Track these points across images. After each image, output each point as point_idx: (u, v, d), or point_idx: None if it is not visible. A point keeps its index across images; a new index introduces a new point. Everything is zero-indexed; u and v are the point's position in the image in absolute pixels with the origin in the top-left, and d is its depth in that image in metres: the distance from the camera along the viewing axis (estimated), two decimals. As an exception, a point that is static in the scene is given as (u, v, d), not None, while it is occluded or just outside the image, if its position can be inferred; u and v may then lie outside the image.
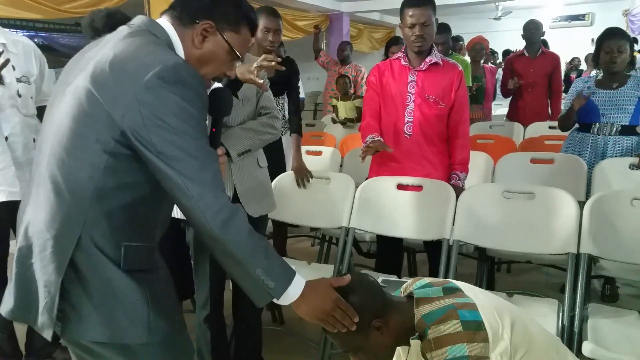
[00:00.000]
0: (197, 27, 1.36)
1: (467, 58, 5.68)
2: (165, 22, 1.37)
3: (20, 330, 2.81)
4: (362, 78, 6.57)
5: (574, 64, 10.15)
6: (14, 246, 2.69)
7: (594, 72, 3.50)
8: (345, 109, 5.75)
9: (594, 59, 3.44)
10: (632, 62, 3.36)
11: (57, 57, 8.49)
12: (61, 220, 1.24)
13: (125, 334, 1.27)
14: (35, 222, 1.29)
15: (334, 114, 5.90)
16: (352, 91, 6.08)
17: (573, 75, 9.47)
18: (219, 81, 1.65)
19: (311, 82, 11.08)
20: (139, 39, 1.31)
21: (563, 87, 5.53)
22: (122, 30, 1.36)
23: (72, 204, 1.24)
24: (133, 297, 1.27)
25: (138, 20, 1.39)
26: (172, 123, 1.21)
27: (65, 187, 1.25)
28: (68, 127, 1.26)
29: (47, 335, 1.25)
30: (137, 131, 1.20)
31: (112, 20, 2.32)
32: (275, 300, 1.32)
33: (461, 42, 6.33)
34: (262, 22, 2.75)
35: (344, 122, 5.59)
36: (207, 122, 1.38)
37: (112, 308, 1.26)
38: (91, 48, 1.37)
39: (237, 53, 1.42)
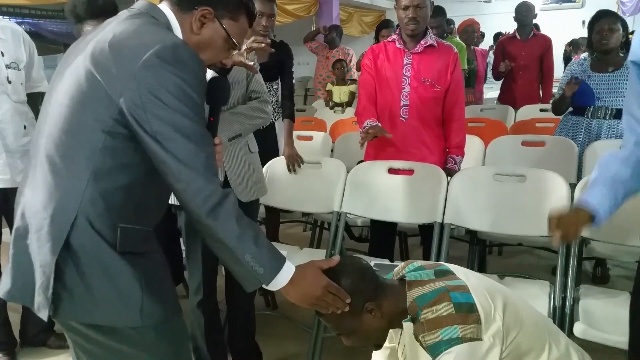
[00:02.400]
0: (196, 13, 1.36)
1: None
2: (164, 7, 1.38)
3: (15, 318, 2.81)
4: (351, 61, 6.55)
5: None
6: (7, 234, 2.70)
7: (584, 55, 3.49)
8: (340, 93, 5.74)
9: (588, 44, 3.43)
10: (626, 43, 3.35)
11: (44, 43, 8.40)
12: (58, 200, 1.25)
13: (117, 317, 1.27)
14: (32, 202, 1.29)
15: (327, 99, 5.88)
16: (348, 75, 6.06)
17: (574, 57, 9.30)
18: (212, 69, 1.65)
19: (301, 67, 11.01)
20: (138, 20, 1.32)
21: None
22: (123, 13, 1.37)
23: (69, 184, 1.25)
24: (127, 280, 1.27)
25: (138, 4, 1.39)
26: (169, 102, 1.21)
27: (62, 166, 1.26)
28: (67, 107, 1.27)
29: (43, 315, 1.25)
30: (134, 109, 1.21)
31: (94, 6, 2.30)
32: (264, 286, 1.32)
33: (452, 26, 6.31)
34: (256, 6, 2.69)
35: (341, 105, 5.57)
36: (205, 111, 1.37)
37: (105, 290, 1.25)
38: (90, 32, 1.39)
39: (235, 41, 1.43)
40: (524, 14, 5.08)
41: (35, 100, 2.79)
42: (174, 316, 1.39)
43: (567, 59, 8.28)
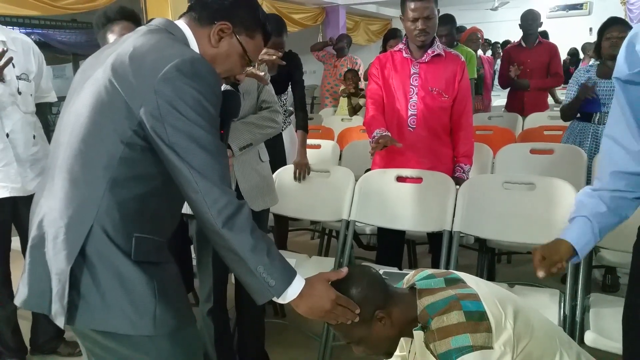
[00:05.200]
0: (215, 27, 1.41)
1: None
2: (181, 23, 1.43)
3: (25, 325, 2.82)
4: (359, 70, 6.56)
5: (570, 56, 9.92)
6: (16, 242, 2.72)
7: (592, 61, 3.50)
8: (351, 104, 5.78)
9: (596, 50, 3.44)
10: None
11: (53, 53, 8.47)
12: (75, 209, 1.27)
13: (130, 325, 1.28)
14: (49, 212, 1.31)
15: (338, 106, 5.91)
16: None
17: (572, 68, 9.32)
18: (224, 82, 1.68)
19: (308, 75, 11.03)
20: (157, 35, 1.36)
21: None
22: (141, 29, 1.41)
23: (86, 193, 1.27)
24: (140, 289, 1.28)
25: (156, 21, 1.44)
26: (186, 114, 1.23)
27: (81, 176, 1.28)
28: (86, 118, 1.29)
29: (60, 323, 1.26)
30: (152, 121, 1.23)
31: (125, 9, 2.37)
32: (275, 299, 1.33)
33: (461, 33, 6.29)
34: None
35: (357, 109, 5.59)
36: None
37: (119, 298, 1.27)
38: (110, 46, 1.43)
39: (249, 58, 1.48)
40: (529, 22, 5.07)
41: (43, 111, 2.82)
42: (188, 325, 1.40)
43: (566, 70, 8.22)
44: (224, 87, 1.75)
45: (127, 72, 1.26)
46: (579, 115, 3.48)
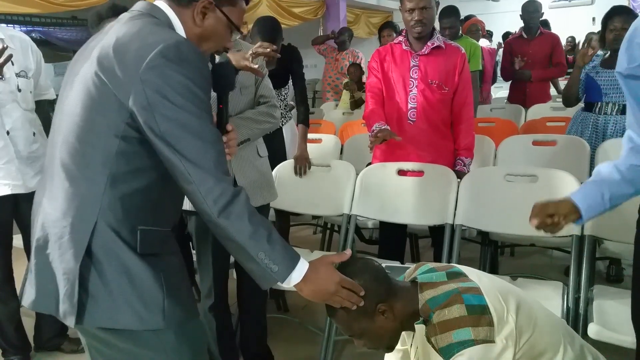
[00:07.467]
0: (197, 5, 1.37)
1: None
2: (163, 5, 1.38)
3: (28, 322, 2.83)
4: (360, 64, 6.53)
5: (569, 45, 9.76)
6: (17, 240, 2.72)
7: (600, 52, 3.45)
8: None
9: (601, 40, 3.41)
10: None
11: (54, 51, 8.47)
12: (77, 207, 1.26)
13: (139, 320, 1.27)
14: (51, 212, 1.30)
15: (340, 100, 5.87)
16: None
17: (570, 57, 9.24)
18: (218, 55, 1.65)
19: (309, 69, 10.99)
20: (140, 21, 1.33)
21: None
22: (124, 16, 1.37)
23: (87, 191, 1.26)
24: (148, 283, 1.27)
25: (138, 5, 1.40)
26: (175, 101, 1.21)
27: (79, 174, 1.27)
28: (79, 116, 1.27)
29: (70, 322, 1.26)
30: (142, 111, 1.21)
31: (116, 9, 2.38)
32: (279, 284, 1.32)
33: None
34: (259, 38, 2.70)
35: (359, 103, 5.57)
36: (212, 100, 1.37)
37: (128, 294, 1.26)
38: (94, 39, 1.40)
39: (236, 26, 1.44)
40: (530, 14, 5.04)
41: (42, 108, 2.82)
42: (192, 317, 1.40)
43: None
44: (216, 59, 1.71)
45: (113, 65, 1.23)
46: (583, 105, 3.46)
